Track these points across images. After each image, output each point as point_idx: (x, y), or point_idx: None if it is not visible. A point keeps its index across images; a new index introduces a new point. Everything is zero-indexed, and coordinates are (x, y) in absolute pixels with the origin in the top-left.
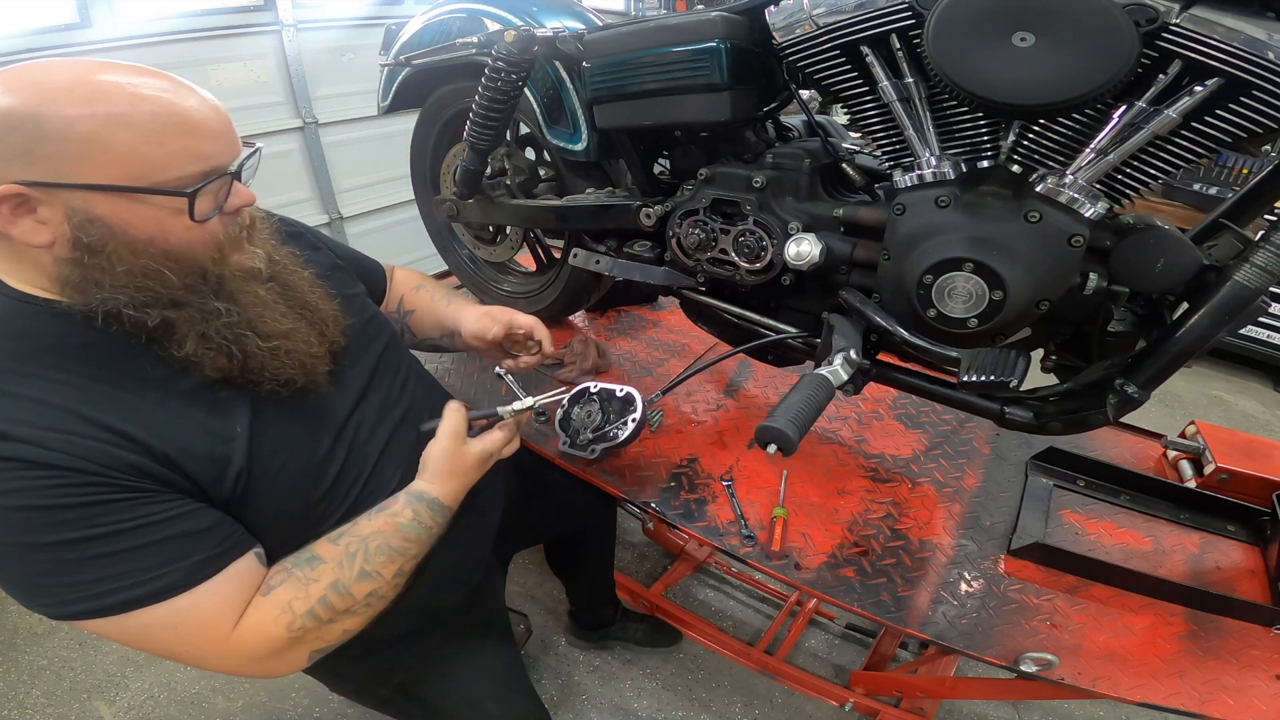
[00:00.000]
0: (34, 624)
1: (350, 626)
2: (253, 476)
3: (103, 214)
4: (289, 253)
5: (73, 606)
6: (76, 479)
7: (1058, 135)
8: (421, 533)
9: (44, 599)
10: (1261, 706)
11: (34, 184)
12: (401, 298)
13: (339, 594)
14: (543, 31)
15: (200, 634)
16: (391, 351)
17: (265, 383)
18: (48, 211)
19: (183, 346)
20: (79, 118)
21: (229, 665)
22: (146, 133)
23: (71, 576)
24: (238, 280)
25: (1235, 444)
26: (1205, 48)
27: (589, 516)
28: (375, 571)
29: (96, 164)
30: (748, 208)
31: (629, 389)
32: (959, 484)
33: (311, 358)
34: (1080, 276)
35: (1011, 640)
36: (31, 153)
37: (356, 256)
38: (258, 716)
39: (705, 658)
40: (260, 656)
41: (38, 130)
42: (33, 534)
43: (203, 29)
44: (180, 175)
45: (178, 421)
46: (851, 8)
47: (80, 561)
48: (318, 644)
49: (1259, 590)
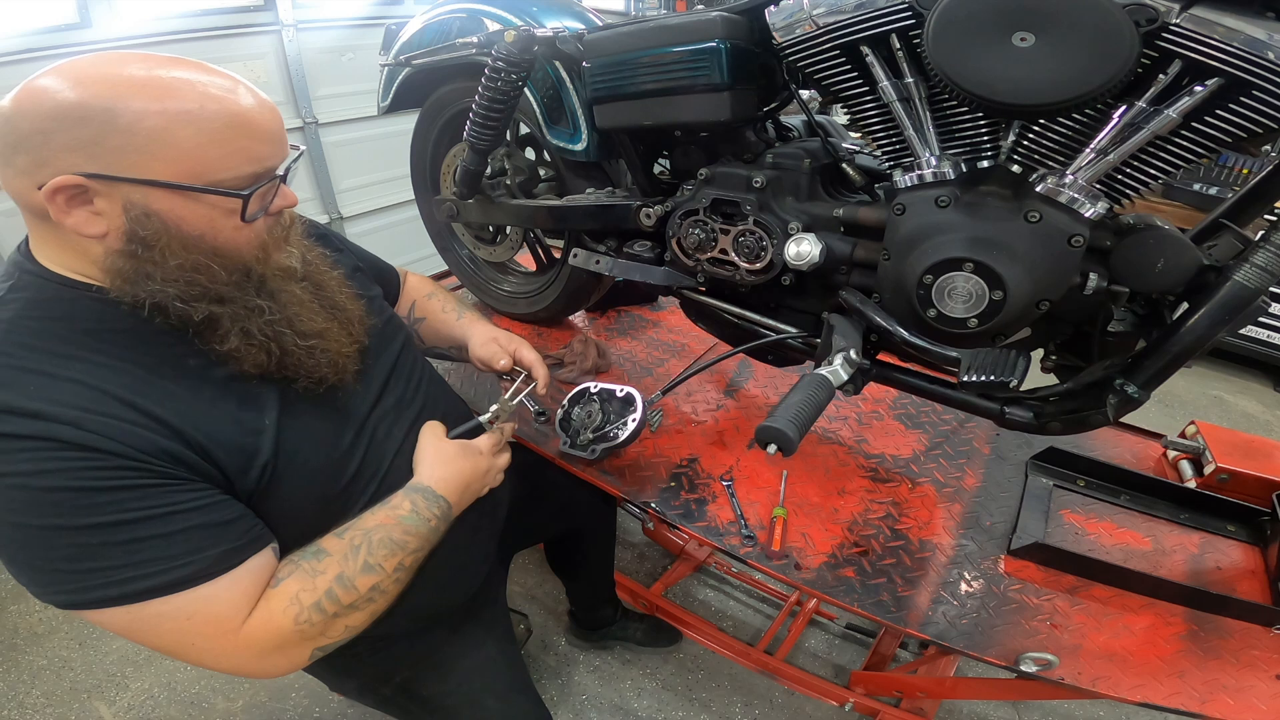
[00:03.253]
0: (34, 624)
1: (353, 623)
2: (278, 469)
3: (159, 209)
4: (320, 253)
5: (91, 594)
6: (111, 461)
7: (1058, 135)
8: (420, 524)
9: (62, 586)
10: (1261, 706)
11: (96, 176)
12: (413, 303)
13: (344, 587)
14: (543, 31)
15: (212, 625)
16: (407, 353)
17: (300, 380)
18: (104, 203)
19: (226, 341)
20: (149, 113)
21: (233, 660)
22: (210, 131)
23: (95, 562)
24: (277, 279)
25: (1235, 444)
26: (1205, 48)
27: (589, 516)
28: (378, 564)
29: (160, 159)
30: (748, 208)
31: (629, 389)
32: (959, 484)
33: (343, 356)
34: (1080, 276)
35: (1011, 640)
36: (98, 145)
37: (374, 260)
38: (258, 716)
39: (705, 658)
40: (265, 651)
41: (109, 123)
42: (63, 516)
43: (203, 29)
44: (236, 175)
45: (211, 410)
46: (851, 8)
47: (106, 546)
48: (321, 640)
49: (1259, 590)
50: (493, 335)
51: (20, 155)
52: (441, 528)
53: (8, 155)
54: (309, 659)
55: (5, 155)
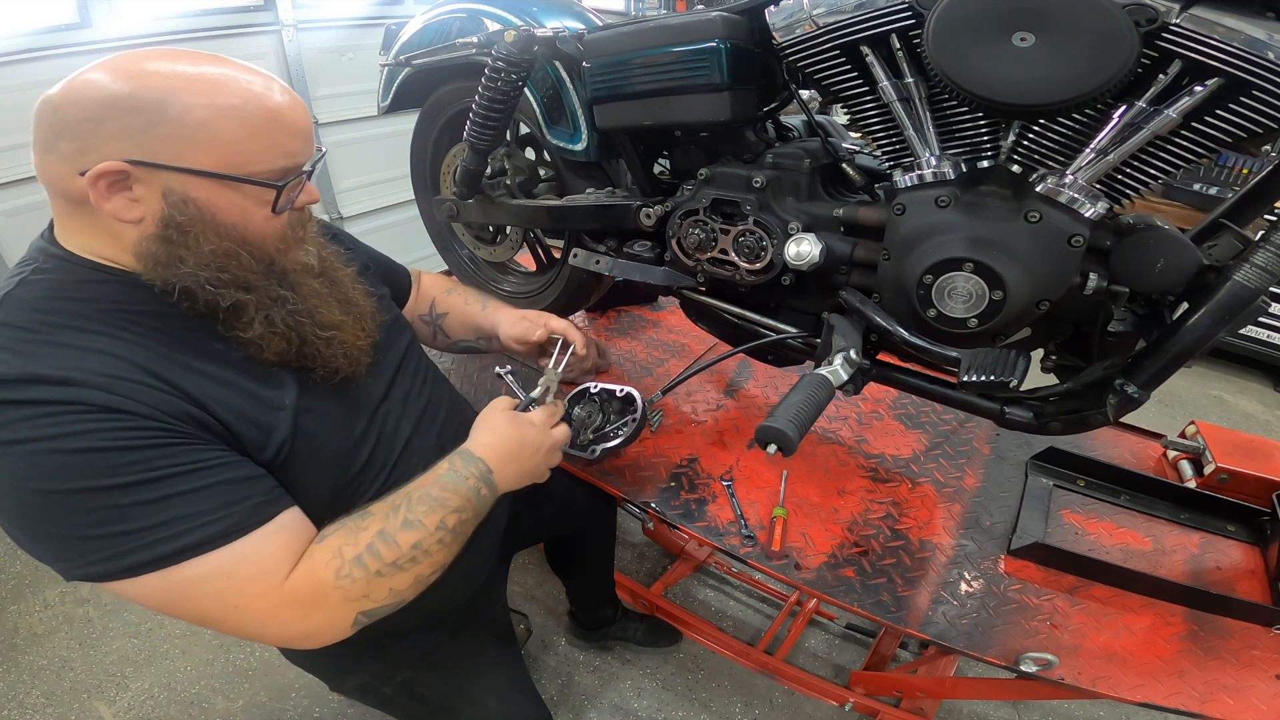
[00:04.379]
0: (34, 624)
1: (398, 585)
2: (294, 449)
3: (197, 196)
4: (334, 250)
5: (124, 560)
6: (138, 423)
7: (1058, 135)
8: (457, 482)
9: (92, 555)
10: (1261, 706)
11: (140, 163)
12: (433, 301)
13: (386, 543)
14: (543, 31)
15: (253, 583)
16: (413, 350)
17: (317, 369)
18: (143, 190)
19: (250, 329)
20: (197, 106)
21: (278, 621)
22: (251, 126)
23: (126, 524)
24: (297, 272)
25: (1235, 444)
26: (1205, 48)
27: (589, 516)
28: (418, 520)
29: (203, 150)
30: (748, 208)
31: (629, 389)
32: (959, 484)
33: (357, 349)
34: (1080, 276)
35: (1011, 640)
36: (146, 133)
37: (383, 259)
38: (257, 716)
39: (705, 658)
40: (308, 606)
41: (160, 114)
42: (91, 478)
43: (203, 29)
44: (269, 169)
45: (232, 386)
46: (851, 8)
47: (137, 506)
48: (365, 604)
49: (1259, 590)
50: (521, 314)
51: (65, 141)
52: (484, 490)
53: (51, 142)
54: (352, 625)
55: (48, 142)
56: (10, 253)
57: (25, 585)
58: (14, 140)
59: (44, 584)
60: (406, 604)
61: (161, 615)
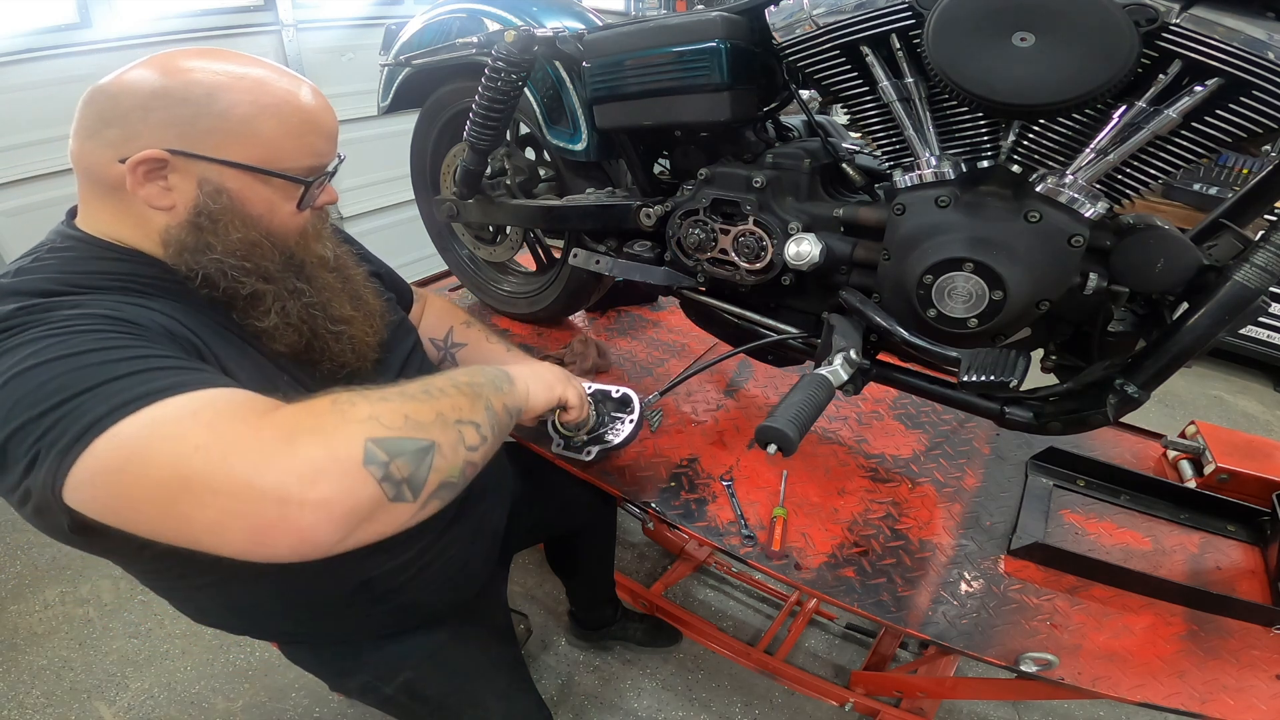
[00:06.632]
0: (34, 624)
1: (414, 414)
2: None
3: (230, 187)
4: (347, 249)
5: (123, 395)
6: (144, 332)
7: (1058, 135)
8: (476, 372)
9: (51, 434)
10: (1261, 707)
11: (180, 152)
12: (451, 329)
13: (400, 397)
14: (543, 31)
15: (224, 416)
16: (416, 353)
17: (324, 363)
18: (178, 178)
19: (265, 318)
20: (242, 103)
21: (256, 454)
22: (288, 125)
23: (95, 380)
24: (313, 265)
25: (1235, 444)
26: (1205, 48)
27: (589, 516)
28: (435, 389)
29: (242, 144)
30: (748, 208)
31: (625, 389)
32: (959, 484)
33: (365, 345)
34: (1080, 276)
35: (1011, 640)
36: (191, 124)
37: (390, 272)
38: (257, 716)
39: (705, 658)
40: (295, 430)
41: (207, 107)
42: (98, 342)
43: (203, 29)
44: (299, 167)
45: (239, 356)
46: (851, 8)
47: (108, 365)
48: (374, 427)
49: (1259, 590)
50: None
51: (112, 129)
52: (506, 386)
53: (96, 129)
54: (364, 460)
55: (93, 129)
56: (10, 253)
57: (25, 585)
58: (14, 140)
59: (44, 584)
60: (398, 608)
61: (162, 615)
